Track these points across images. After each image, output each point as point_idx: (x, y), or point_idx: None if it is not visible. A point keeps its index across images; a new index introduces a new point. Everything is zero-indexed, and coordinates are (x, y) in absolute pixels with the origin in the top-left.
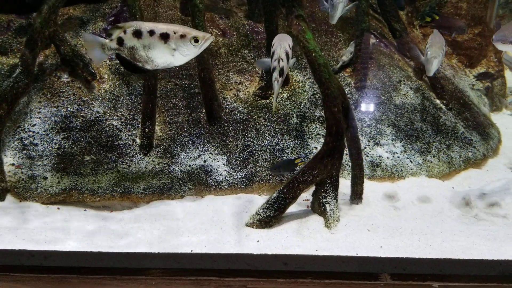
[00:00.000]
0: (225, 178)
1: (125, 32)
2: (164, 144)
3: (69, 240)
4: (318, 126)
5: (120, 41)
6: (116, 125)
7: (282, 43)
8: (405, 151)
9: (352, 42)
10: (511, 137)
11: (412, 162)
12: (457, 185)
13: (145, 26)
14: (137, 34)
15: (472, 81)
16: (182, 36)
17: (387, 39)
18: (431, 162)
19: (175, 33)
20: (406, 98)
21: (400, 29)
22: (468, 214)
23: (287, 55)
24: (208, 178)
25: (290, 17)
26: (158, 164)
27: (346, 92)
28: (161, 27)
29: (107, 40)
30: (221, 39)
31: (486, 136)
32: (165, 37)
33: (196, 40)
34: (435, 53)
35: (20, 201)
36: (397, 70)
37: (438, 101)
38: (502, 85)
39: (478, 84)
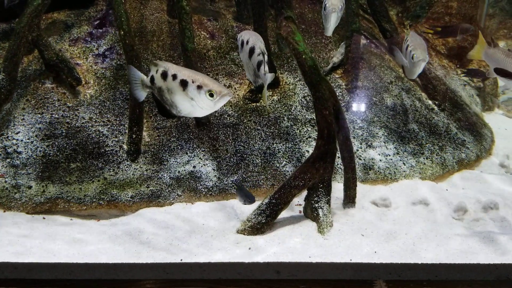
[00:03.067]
0: (215, 183)
1: (157, 71)
2: (152, 150)
3: (54, 251)
4: (309, 129)
5: (152, 80)
6: (102, 131)
7: (256, 39)
8: (398, 153)
9: (342, 43)
10: (504, 137)
11: (405, 164)
12: (451, 187)
13: (171, 68)
14: (164, 75)
15: (464, 80)
16: (199, 87)
17: (378, 39)
18: (424, 164)
19: (193, 82)
20: (398, 99)
21: (391, 29)
22: (463, 217)
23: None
24: (197, 184)
25: (280, 18)
26: (146, 170)
27: (337, 94)
28: (183, 73)
29: (145, 77)
30: (209, 42)
31: (479, 137)
32: (184, 84)
33: (211, 94)
34: (422, 55)
35: (4, 211)
36: (388, 71)
37: (430, 102)
38: (493, 85)
39: (472, 81)
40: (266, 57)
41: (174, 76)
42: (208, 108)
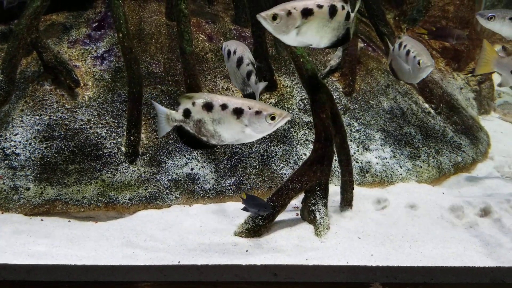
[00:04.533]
0: (213, 186)
1: (193, 104)
2: (150, 152)
3: (52, 253)
4: (306, 132)
5: (187, 113)
6: (100, 133)
7: (244, 49)
8: (394, 156)
9: (339, 47)
10: (500, 140)
11: (401, 168)
12: (447, 190)
13: (218, 99)
14: (208, 107)
15: (461, 84)
16: (258, 113)
17: (375, 43)
18: (421, 167)
19: (250, 108)
20: (395, 102)
21: (388, 33)
22: (459, 220)
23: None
24: (195, 187)
25: None
26: (144, 172)
27: (334, 97)
28: (235, 102)
29: (173, 111)
30: (207, 44)
31: (475, 140)
32: (238, 112)
33: (273, 118)
34: (429, 61)
35: (2, 213)
36: (385, 74)
37: (426, 105)
38: (490, 88)
39: (469, 85)
40: (255, 66)
41: (224, 106)
42: (265, 132)
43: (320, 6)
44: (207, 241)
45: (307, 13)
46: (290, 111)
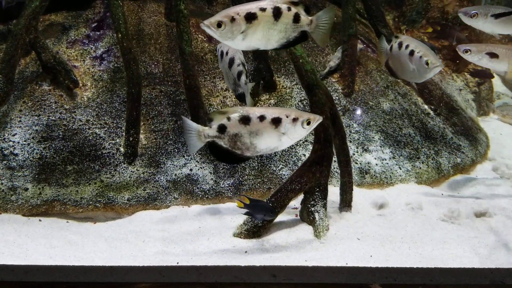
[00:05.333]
0: (212, 187)
1: (229, 119)
2: (149, 152)
3: (50, 253)
4: None
5: (222, 129)
6: (99, 134)
7: (236, 50)
8: (393, 158)
9: (339, 48)
10: (499, 142)
11: (401, 169)
12: (446, 192)
13: (253, 111)
14: (245, 120)
15: (460, 85)
16: (295, 120)
17: (374, 44)
18: (420, 168)
19: (287, 116)
20: (394, 103)
21: (387, 34)
22: (458, 221)
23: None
24: (194, 187)
25: None
26: (143, 173)
27: (333, 98)
28: (271, 112)
29: (205, 128)
30: (206, 45)
31: (475, 141)
32: (277, 121)
33: (309, 122)
34: (437, 61)
35: (0, 213)
36: (384, 75)
37: (426, 107)
38: (489, 90)
39: (468, 86)
40: (246, 67)
41: (262, 117)
42: (299, 137)
43: (263, 9)
44: (206, 242)
45: (250, 17)
46: None
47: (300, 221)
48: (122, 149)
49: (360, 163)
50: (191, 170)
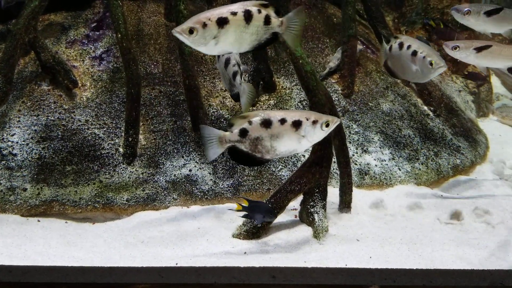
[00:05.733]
0: (211, 187)
1: (250, 122)
2: (148, 153)
3: (49, 254)
4: None
5: (244, 133)
6: (98, 134)
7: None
8: (393, 159)
9: (339, 48)
10: (498, 143)
11: (400, 170)
12: (446, 193)
13: (274, 114)
14: (266, 123)
15: (459, 86)
16: (315, 122)
17: (374, 45)
18: (420, 169)
19: (307, 119)
20: (394, 104)
21: (387, 35)
22: (458, 223)
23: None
24: (193, 188)
25: None
26: (142, 174)
27: (333, 99)
28: (292, 115)
29: (226, 133)
30: None
31: (474, 143)
32: (297, 124)
33: (327, 125)
34: (441, 62)
35: None
36: (384, 76)
37: (425, 108)
38: (488, 91)
39: (467, 87)
40: (241, 67)
41: (283, 120)
42: (319, 139)
43: (234, 13)
44: (205, 242)
45: (222, 22)
46: None
47: (299, 222)
48: (121, 150)
49: (360, 164)
50: (190, 170)
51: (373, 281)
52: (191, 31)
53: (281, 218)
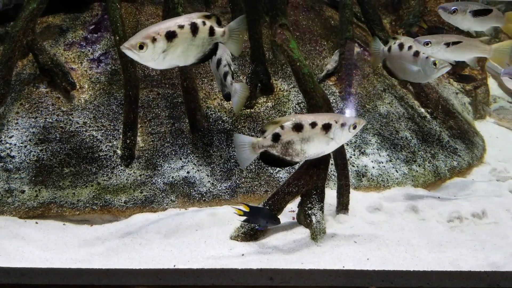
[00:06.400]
0: (209, 189)
1: (282, 127)
2: (146, 155)
3: (47, 256)
4: None
5: (276, 137)
6: (96, 136)
7: (223, 51)
8: (390, 161)
9: (336, 51)
10: (495, 145)
11: (397, 172)
12: (443, 195)
13: (305, 118)
14: (298, 127)
15: (456, 89)
16: (343, 125)
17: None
18: (417, 171)
19: (336, 122)
20: (391, 106)
21: (384, 37)
22: (454, 225)
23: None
24: (191, 190)
25: (274, 26)
26: (140, 176)
27: (331, 101)
28: (321, 118)
29: (259, 139)
30: None
31: (471, 145)
32: (327, 127)
33: (355, 126)
34: (445, 61)
35: None
36: (381, 78)
37: (422, 110)
38: (485, 93)
39: (464, 90)
40: (232, 68)
41: (314, 124)
42: (345, 141)
43: (181, 26)
44: (203, 244)
45: (171, 35)
46: (286, 115)
47: (297, 224)
48: (119, 152)
49: (357, 166)
50: (188, 172)
51: (371, 283)
52: (141, 46)
53: None
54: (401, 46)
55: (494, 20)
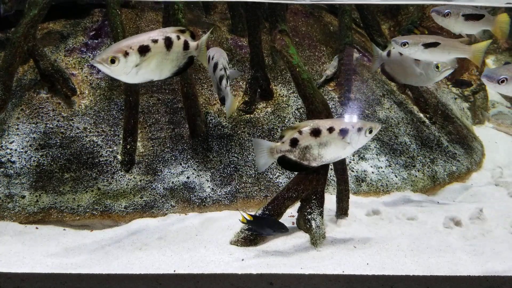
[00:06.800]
0: (209, 194)
1: (300, 132)
2: (146, 160)
3: (47, 261)
4: None
5: (294, 142)
6: (96, 142)
7: (220, 55)
8: (389, 166)
9: (335, 56)
10: (494, 150)
11: (397, 177)
12: (442, 200)
13: (323, 123)
14: (315, 132)
15: (455, 94)
16: (359, 129)
17: (370, 53)
18: (416, 176)
19: (353, 127)
20: (390, 112)
21: (383, 43)
22: (454, 229)
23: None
24: (191, 195)
25: (274, 31)
26: (140, 181)
27: (330, 106)
28: (339, 123)
29: (277, 143)
30: None
31: (470, 150)
32: (344, 132)
33: (371, 131)
34: (447, 65)
35: None
36: (380, 84)
37: (421, 115)
38: (484, 98)
39: (463, 95)
40: (228, 72)
41: (331, 129)
42: (361, 145)
43: (155, 41)
44: (202, 249)
45: (144, 50)
46: (286, 120)
47: (296, 228)
48: (119, 157)
49: (357, 171)
50: (188, 178)
51: (370, 287)
52: (112, 60)
53: None
54: None
55: (485, 23)
